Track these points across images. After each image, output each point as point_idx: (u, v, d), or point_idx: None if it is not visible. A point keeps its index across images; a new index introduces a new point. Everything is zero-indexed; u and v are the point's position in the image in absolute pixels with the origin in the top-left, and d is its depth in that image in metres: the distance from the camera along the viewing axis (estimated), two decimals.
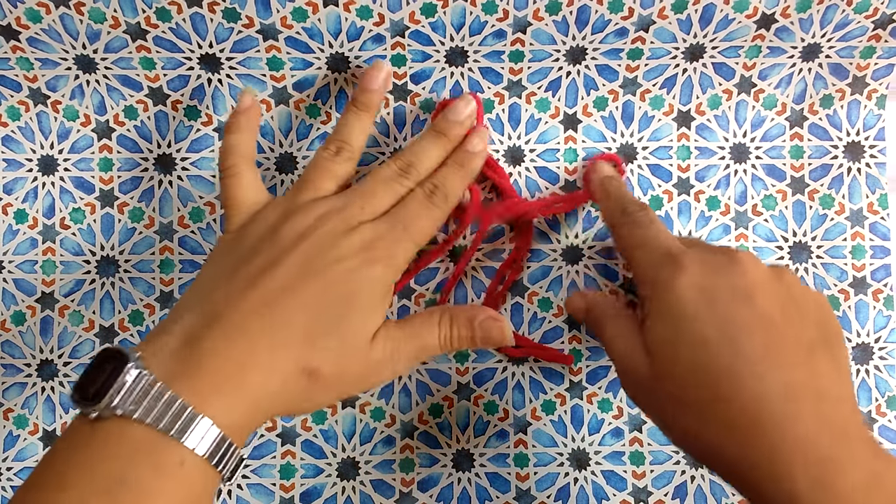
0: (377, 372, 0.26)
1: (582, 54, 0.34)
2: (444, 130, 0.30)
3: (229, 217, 0.28)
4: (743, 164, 0.35)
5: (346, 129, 0.30)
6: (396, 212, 0.28)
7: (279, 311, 0.24)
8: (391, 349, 0.26)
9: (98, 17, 0.32)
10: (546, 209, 0.33)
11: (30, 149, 0.34)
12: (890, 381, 0.34)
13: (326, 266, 0.25)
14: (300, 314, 0.24)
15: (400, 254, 0.27)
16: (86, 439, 0.21)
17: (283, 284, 0.24)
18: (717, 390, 0.22)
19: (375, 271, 0.26)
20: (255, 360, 0.23)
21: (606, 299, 0.29)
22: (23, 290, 0.34)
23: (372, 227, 0.27)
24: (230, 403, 0.22)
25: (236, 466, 0.23)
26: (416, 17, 0.32)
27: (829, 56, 0.34)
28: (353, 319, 0.25)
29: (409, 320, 0.27)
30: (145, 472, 0.20)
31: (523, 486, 0.34)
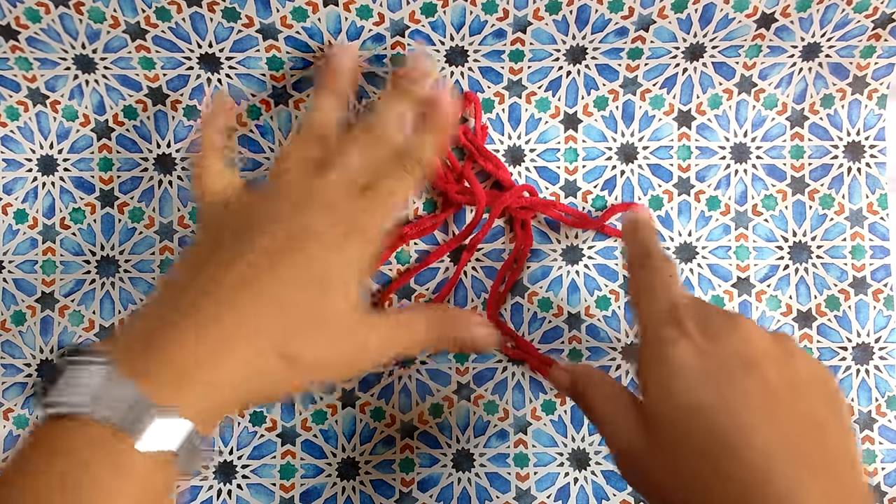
0: (359, 359, 0.25)
1: (582, 54, 0.33)
2: (406, 88, 0.29)
3: (197, 210, 0.27)
4: (743, 164, 0.34)
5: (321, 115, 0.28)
6: (369, 183, 0.26)
7: (253, 298, 0.23)
8: (375, 338, 0.25)
9: (97, 17, 0.31)
10: (549, 210, 0.33)
11: (29, 149, 0.34)
12: (890, 381, 0.34)
13: (298, 247, 0.24)
14: (275, 299, 0.23)
15: (373, 227, 0.26)
16: (46, 438, 0.20)
17: (254, 269, 0.23)
18: (717, 463, 0.21)
19: (350, 249, 0.25)
20: (230, 349, 0.22)
21: (592, 372, 0.27)
22: (23, 290, 0.34)
23: (344, 200, 0.25)
24: (200, 393, 0.21)
25: (204, 453, 0.22)
26: (417, 16, 0.32)
27: (829, 55, 0.33)
28: (330, 301, 0.24)
29: (399, 311, 0.27)
30: (103, 471, 0.19)
31: (523, 486, 0.33)
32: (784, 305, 0.34)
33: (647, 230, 0.29)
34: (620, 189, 0.34)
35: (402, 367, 0.34)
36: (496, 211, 0.32)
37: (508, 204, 0.32)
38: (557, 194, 0.34)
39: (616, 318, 0.34)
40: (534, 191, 0.33)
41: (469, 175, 0.33)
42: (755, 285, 0.34)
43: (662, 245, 0.30)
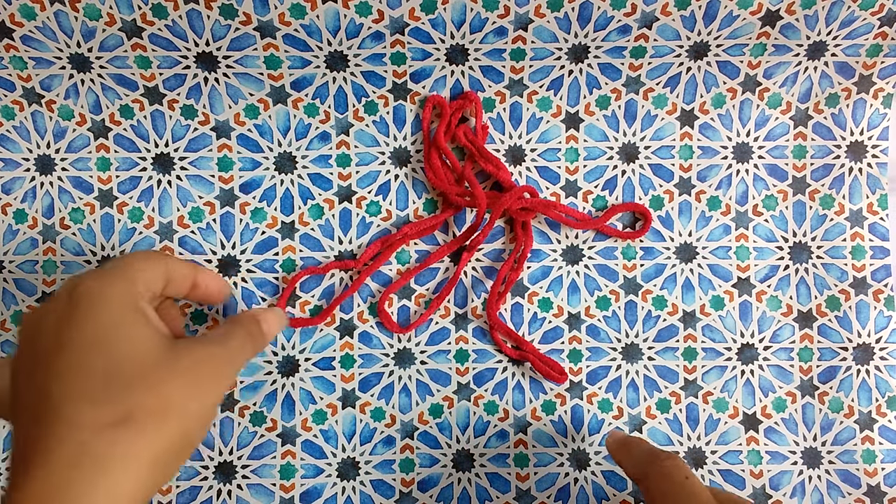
0: (192, 383, 0.22)
1: (584, 52, 0.31)
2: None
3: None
4: (745, 164, 0.33)
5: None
6: None
7: (43, 398, 0.20)
8: (191, 362, 0.22)
9: (93, 14, 0.30)
10: (550, 210, 0.31)
11: (26, 148, 0.32)
12: (890, 381, 0.32)
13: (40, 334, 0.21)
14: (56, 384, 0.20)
15: (98, 270, 0.23)
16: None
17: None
18: None
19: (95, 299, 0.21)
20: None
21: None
22: (23, 290, 0.32)
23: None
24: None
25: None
26: (416, 13, 0.30)
27: (834, 54, 0.31)
28: (110, 350, 0.21)
29: (208, 331, 0.25)
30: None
31: (523, 486, 0.32)
32: (784, 306, 0.33)
33: (636, 440, 0.28)
34: (621, 189, 0.33)
35: (402, 367, 0.32)
36: (496, 213, 0.31)
37: (509, 206, 0.31)
38: (558, 194, 0.33)
39: (616, 319, 0.33)
40: (534, 191, 0.32)
41: (470, 176, 0.31)
42: (755, 285, 0.33)
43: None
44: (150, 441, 0.20)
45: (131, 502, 0.19)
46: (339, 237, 0.33)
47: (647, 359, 0.32)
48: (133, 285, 0.22)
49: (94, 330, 0.21)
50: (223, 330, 0.25)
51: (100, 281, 0.22)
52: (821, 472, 0.32)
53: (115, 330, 0.21)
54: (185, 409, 0.21)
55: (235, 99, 0.32)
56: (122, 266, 0.23)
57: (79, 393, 0.20)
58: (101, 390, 0.20)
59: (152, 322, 0.22)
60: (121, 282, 0.22)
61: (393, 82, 0.32)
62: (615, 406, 0.32)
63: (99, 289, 0.21)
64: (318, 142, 0.32)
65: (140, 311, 0.22)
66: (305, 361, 0.32)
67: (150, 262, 0.24)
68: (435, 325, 0.32)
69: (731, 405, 0.32)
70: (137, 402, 0.20)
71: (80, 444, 0.19)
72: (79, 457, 0.19)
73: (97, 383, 0.20)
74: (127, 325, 0.21)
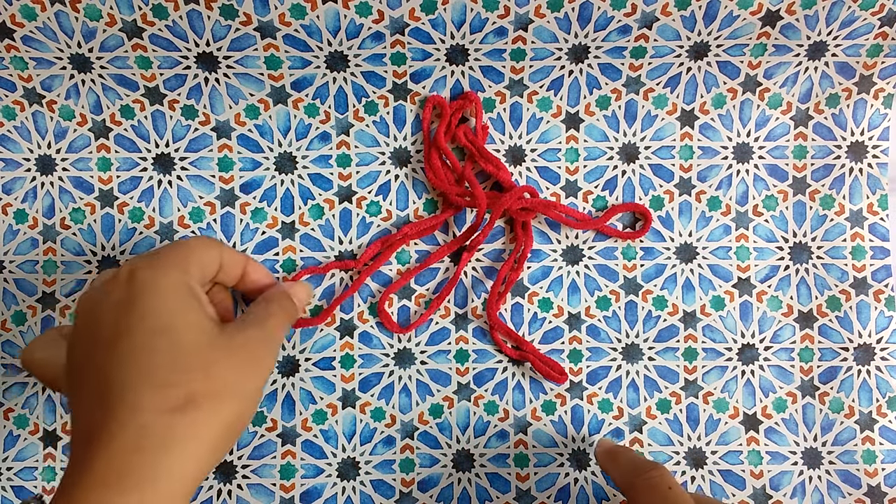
0: (249, 362, 0.22)
1: (584, 52, 0.31)
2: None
3: None
4: (745, 164, 0.32)
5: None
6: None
7: (110, 374, 0.21)
8: (244, 339, 0.23)
9: (94, 15, 0.29)
10: (550, 210, 0.31)
11: (27, 148, 0.32)
12: (891, 381, 0.32)
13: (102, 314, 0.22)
14: (123, 367, 0.21)
15: (153, 255, 0.23)
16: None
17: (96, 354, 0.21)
18: None
19: (150, 282, 0.22)
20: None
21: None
22: (23, 290, 0.32)
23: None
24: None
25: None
26: (416, 13, 0.30)
27: (835, 55, 0.31)
28: (174, 334, 0.21)
29: (248, 312, 0.25)
30: None
31: (523, 486, 0.32)
32: (785, 306, 0.32)
33: (623, 450, 0.28)
34: (621, 189, 0.33)
35: (402, 367, 0.32)
36: (496, 213, 0.30)
37: (509, 206, 0.31)
38: (558, 194, 0.32)
39: (616, 319, 0.32)
40: (534, 191, 0.32)
41: (470, 177, 0.31)
42: (756, 286, 0.32)
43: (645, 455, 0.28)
44: (208, 423, 0.20)
45: (192, 482, 0.20)
46: (339, 237, 0.32)
47: (648, 359, 0.32)
48: (187, 273, 0.23)
49: (152, 318, 0.21)
50: (261, 310, 0.25)
51: (158, 270, 0.22)
52: (821, 473, 0.32)
53: (172, 317, 0.21)
54: (238, 390, 0.21)
55: (236, 99, 0.32)
56: (179, 252, 0.23)
57: (140, 378, 0.20)
58: (160, 376, 0.20)
59: (205, 307, 0.23)
60: (176, 270, 0.22)
61: (393, 82, 0.32)
62: (615, 406, 0.32)
63: (156, 278, 0.22)
64: (319, 142, 0.32)
65: (194, 297, 0.22)
66: (305, 361, 0.32)
67: (205, 248, 0.24)
68: (435, 325, 0.32)
69: (732, 405, 0.32)
70: (196, 386, 0.20)
71: (141, 428, 0.19)
72: (140, 440, 0.19)
73: (157, 369, 0.20)
74: (183, 312, 0.22)
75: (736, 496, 0.32)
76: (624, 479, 0.26)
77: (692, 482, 0.32)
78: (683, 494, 0.24)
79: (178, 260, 0.23)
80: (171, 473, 0.19)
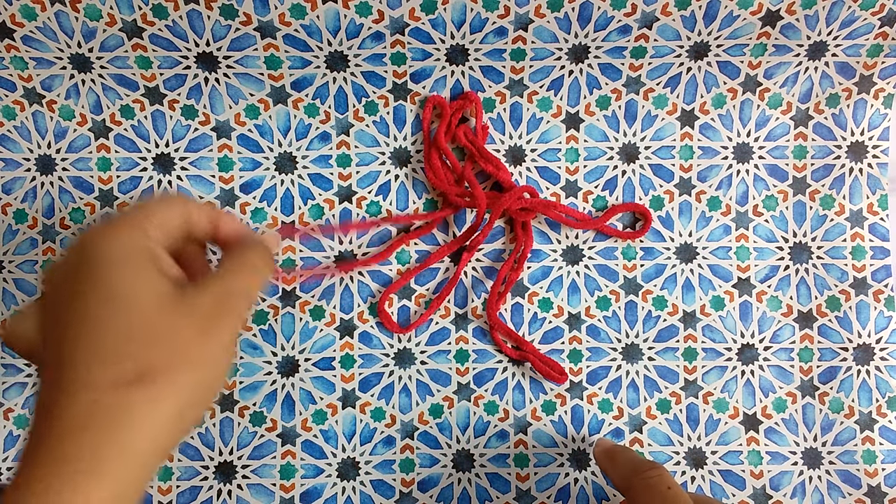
0: (209, 326, 0.20)
1: (584, 52, 0.31)
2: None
3: None
4: (745, 164, 0.32)
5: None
6: None
7: (59, 349, 0.19)
8: (210, 300, 0.20)
9: (94, 15, 0.29)
10: (550, 211, 0.31)
11: (27, 148, 0.32)
12: (891, 381, 0.32)
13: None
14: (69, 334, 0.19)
15: (110, 218, 0.22)
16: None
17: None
18: None
19: (106, 243, 0.20)
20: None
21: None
22: (23, 290, 0.32)
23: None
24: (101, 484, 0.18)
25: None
26: (416, 13, 0.30)
27: (835, 55, 0.31)
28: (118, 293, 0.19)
29: (216, 269, 0.23)
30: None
31: (523, 486, 0.32)
32: (785, 306, 0.32)
33: (621, 450, 0.27)
34: (621, 189, 0.32)
35: (402, 367, 0.32)
36: (496, 213, 0.30)
37: (508, 206, 0.31)
38: (558, 194, 0.32)
39: (616, 319, 0.32)
40: (534, 191, 0.31)
41: (470, 177, 0.31)
42: (756, 286, 0.32)
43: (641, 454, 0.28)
44: (165, 397, 0.19)
45: (150, 461, 0.19)
46: (339, 237, 0.32)
47: (648, 359, 0.32)
48: (142, 231, 0.21)
49: (102, 285, 0.19)
50: (231, 264, 0.23)
51: (110, 234, 0.20)
52: (821, 473, 0.32)
53: (124, 284, 0.19)
54: (199, 358, 0.20)
55: (236, 99, 0.32)
56: (137, 213, 0.21)
57: (89, 351, 0.19)
58: (110, 348, 0.19)
59: (166, 270, 0.21)
60: (128, 228, 0.20)
61: (393, 82, 0.31)
62: (615, 406, 0.32)
63: (108, 242, 0.20)
64: (319, 142, 0.32)
65: (151, 260, 0.20)
66: (305, 361, 0.32)
67: (167, 205, 0.22)
68: (435, 325, 0.32)
69: (732, 405, 0.32)
70: (149, 358, 0.19)
71: (90, 404, 0.18)
72: (89, 418, 0.18)
73: (106, 341, 0.19)
74: (136, 277, 0.20)
75: (736, 496, 0.32)
76: (622, 480, 0.26)
77: (692, 482, 0.32)
78: (682, 494, 0.24)
79: (136, 221, 0.21)
80: (124, 452, 0.18)
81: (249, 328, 0.32)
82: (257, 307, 0.32)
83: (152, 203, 0.22)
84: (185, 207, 0.23)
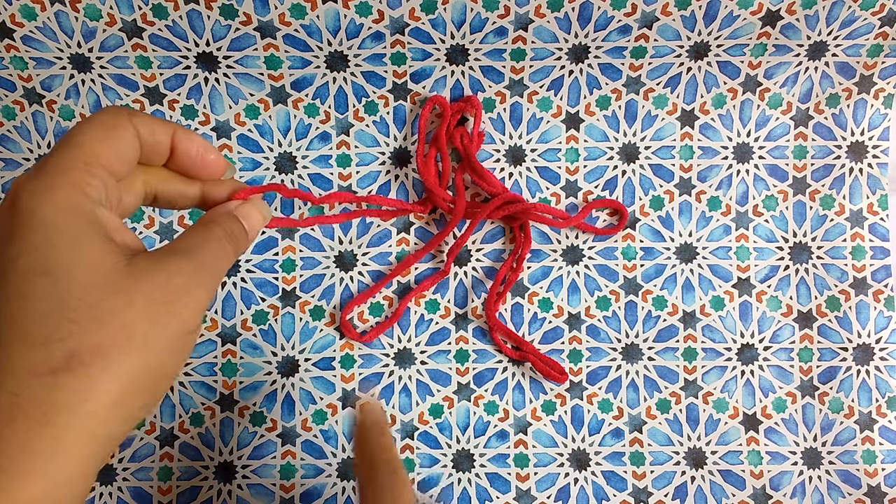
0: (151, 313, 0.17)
1: (584, 52, 0.31)
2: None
3: None
4: (745, 164, 0.32)
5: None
6: None
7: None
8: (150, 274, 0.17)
9: (94, 15, 0.29)
10: (532, 214, 0.31)
11: (27, 148, 0.32)
12: (890, 381, 0.32)
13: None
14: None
15: (41, 164, 0.18)
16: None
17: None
18: None
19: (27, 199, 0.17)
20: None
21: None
22: None
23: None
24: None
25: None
26: (416, 13, 0.29)
27: (835, 55, 0.31)
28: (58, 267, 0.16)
29: (178, 238, 0.19)
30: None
31: (523, 486, 0.32)
32: (784, 306, 0.32)
33: (375, 433, 0.24)
34: (621, 189, 0.32)
35: (402, 367, 0.32)
36: (472, 225, 0.31)
37: (486, 216, 0.30)
38: (558, 194, 0.32)
39: (616, 319, 0.32)
40: (518, 197, 0.31)
41: (458, 185, 0.31)
42: (756, 286, 0.32)
43: (393, 448, 0.24)
44: (101, 385, 0.16)
45: (88, 452, 0.16)
46: (339, 237, 0.32)
47: (647, 359, 0.32)
48: (81, 189, 0.17)
49: (31, 256, 0.16)
50: (196, 235, 0.20)
51: (40, 191, 0.17)
52: (821, 473, 0.32)
53: (56, 253, 0.16)
54: (146, 341, 0.17)
55: (236, 99, 0.31)
56: (70, 154, 0.18)
57: (13, 333, 0.16)
58: (37, 329, 0.16)
59: (110, 233, 0.18)
60: (65, 185, 0.17)
61: (393, 82, 0.31)
62: (615, 406, 0.32)
63: (38, 202, 0.17)
64: (319, 142, 0.32)
65: (92, 223, 0.17)
66: (305, 361, 0.32)
67: (106, 133, 0.18)
68: (435, 325, 0.32)
69: (732, 405, 0.32)
70: (82, 339, 0.16)
71: (14, 395, 0.16)
72: (13, 410, 0.16)
73: (33, 321, 0.16)
74: (72, 244, 0.17)
75: (736, 496, 0.32)
76: (358, 472, 0.23)
77: (692, 482, 0.32)
78: (408, 498, 0.22)
79: (70, 166, 0.17)
80: (56, 448, 0.16)
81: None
82: (257, 307, 0.32)
83: (87, 133, 0.18)
84: (131, 128, 0.19)
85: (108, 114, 0.18)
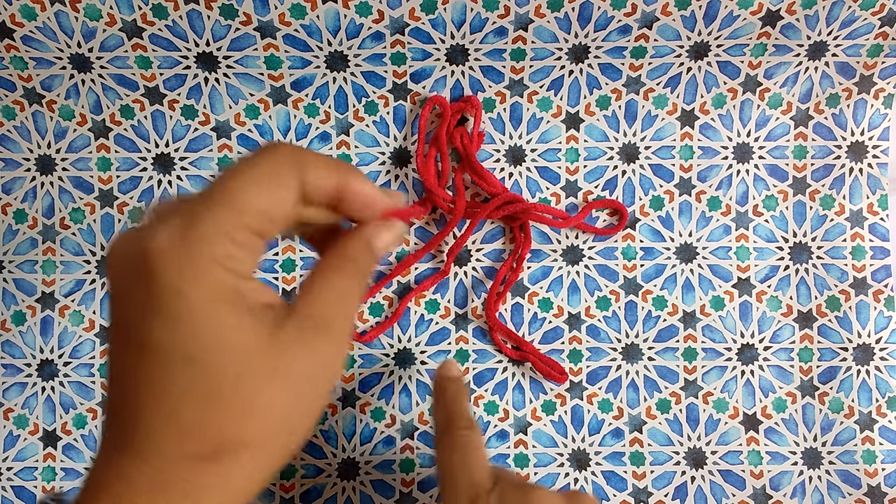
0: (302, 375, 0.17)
1: (584, 52, 0.31)
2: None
3: None
4: (745, 164, 0.32)
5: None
6: None
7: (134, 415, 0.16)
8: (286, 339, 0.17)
9: (94, 15, 0.29)
10: (531, 214, 0.31)
11: (27, 148, 0.32)
12: (890, 381, 0.32)
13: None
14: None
15: (185, 224, 0.16)
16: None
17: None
18: None
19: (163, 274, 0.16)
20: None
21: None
22: (23, 290, 0.32)
23: None
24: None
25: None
26: (416, 13, 0.30)
27: (835, 55, 0.31)
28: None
29: (311, 299, 0.18)
30: None
31: None
32: (784, 306, 0.32)
33: (454, 389, 0.25)
34: (621, 189, 0.32)
35: (402, 367, 0.32)
36: (471, 226, 0.31)
37: (485, 216, 0.31)
38: (558, 194, 0.32)
39: (616, 319, 0.32)
40: (518, 198, 0.31)
41: (458, 185, 0.31)
42: (756, 286, 0.32)
43: (470, 408, 0.26)
44: (244, 472, 0.16)
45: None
46: None
47: (647, 359, 0.32)
48: (229, 263, 0.16)
49: (178, 340, 0.16)
50: (334, 293, 0.18)
51: (184, 257, 0.15)
52: (821, 473, 0.32)
53: (201, 340, 0.16)
54: (287, 428, 0.17)
55: (236, 99, 0.32)
56: (219, 217, 0.16)
57: (160, 414, 0.16)
58: (186, 416, 0.16)
59: (250, 305, 0.16)
60: (211, 259, 0.16)
61: (393, 82, 0.31)
62: (615, 406, 0.32)
63: (185, 282, 0.15)
64: (319, 142, 0.32)
65: (234, 301, 0.16)
66: None
67: (267, 193, 0.16)
68: (435, 325, 0.32)
69: (732, 405, 0.32)
70: (231, 430, 0.16)
71: (158, 472, 0.16)
72: (155, 483, 0.16)
73: (183, 407, 0.16)
74: (219, 329, 0.16)
75: (736, 496, 0.32)
76: (436, 426, 0.25)
77: (692, 482, 0.32)
78: (484, 460, 0.23)
79: (218, 236, 0.16)
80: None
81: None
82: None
83: (250, 192, 0.16)
84: (293, 188, 0.17)
85: (272, 161, 0.17)
